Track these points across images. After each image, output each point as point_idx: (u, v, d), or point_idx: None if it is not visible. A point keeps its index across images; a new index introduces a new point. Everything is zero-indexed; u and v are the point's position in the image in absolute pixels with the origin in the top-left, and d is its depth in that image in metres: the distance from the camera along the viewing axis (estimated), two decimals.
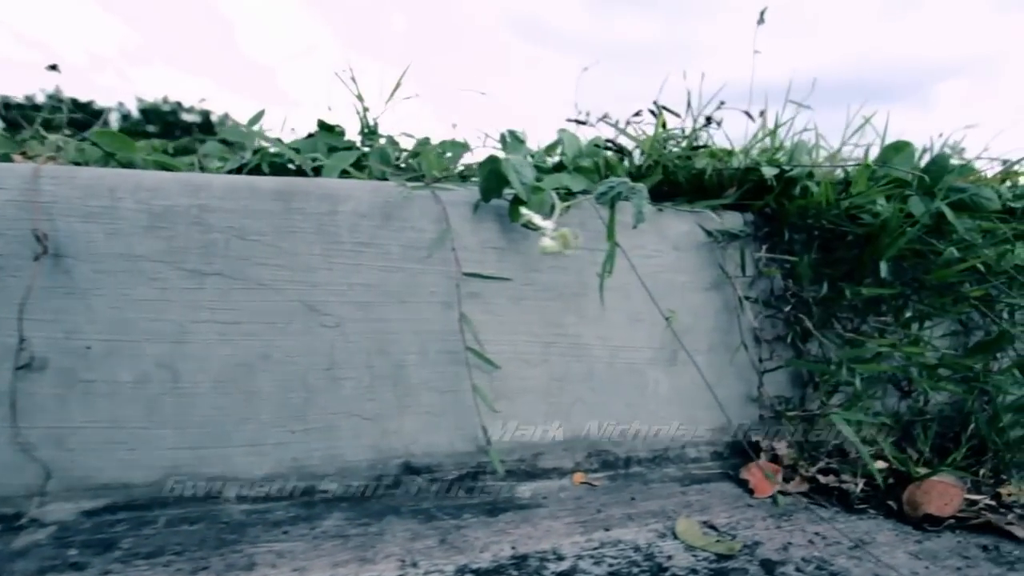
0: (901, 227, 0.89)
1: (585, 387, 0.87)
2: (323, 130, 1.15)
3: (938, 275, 0.89)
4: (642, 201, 0.71)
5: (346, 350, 0.77)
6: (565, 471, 0.85)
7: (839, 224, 0.91)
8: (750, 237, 0.96)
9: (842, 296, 0.91)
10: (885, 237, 0.89)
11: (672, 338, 0.91)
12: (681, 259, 0.93)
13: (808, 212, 0.92)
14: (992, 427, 0.87)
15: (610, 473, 0.86)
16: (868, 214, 0.95)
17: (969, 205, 0.97)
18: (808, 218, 0.93)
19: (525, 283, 0.84)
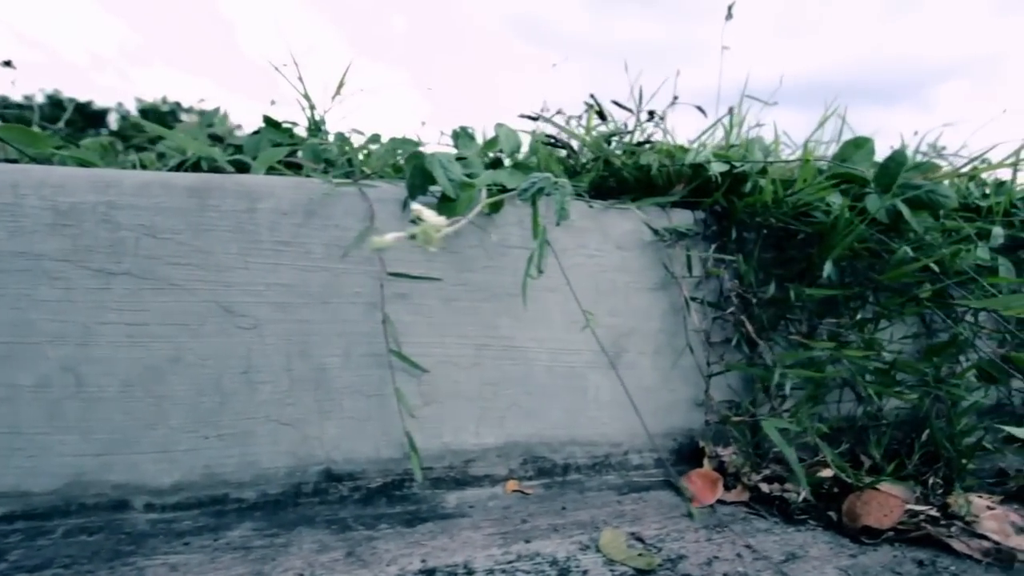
0: (851, 225, 0.86)
1: (521, 391, 0.84)
2: (269, 126, 1.13)
3: (891, 275, 0.85)
4: (564, 198, 0.68)
5: (264, 353, 0.74)
6: (498, 479, 0.82)
7: (787, 222, 0.88)
8: (699, 236, 0.93)
9: (796, 297, 0.88)
10: (834, 236, 0.85)
11: (615, 340, 0.88)
12: (625, 259, 0.89)
13: (756, 210, 0.89)
14: (946, 434, 0.84)
15: (546, 481, 0.83)
16: (821, 212, 0.92)
17: (926, 203, 0.93)
18: (756, 216, 0.89)
19: (457, 283, 0.81)
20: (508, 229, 0.84)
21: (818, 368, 0.83)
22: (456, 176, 0.76)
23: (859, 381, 0.82)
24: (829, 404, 0.96)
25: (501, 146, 0.85)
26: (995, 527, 0.68)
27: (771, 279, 0.89)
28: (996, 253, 1.05)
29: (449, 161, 0.77)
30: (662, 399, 0.90)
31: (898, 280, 0.86)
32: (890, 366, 0.87)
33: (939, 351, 0.87)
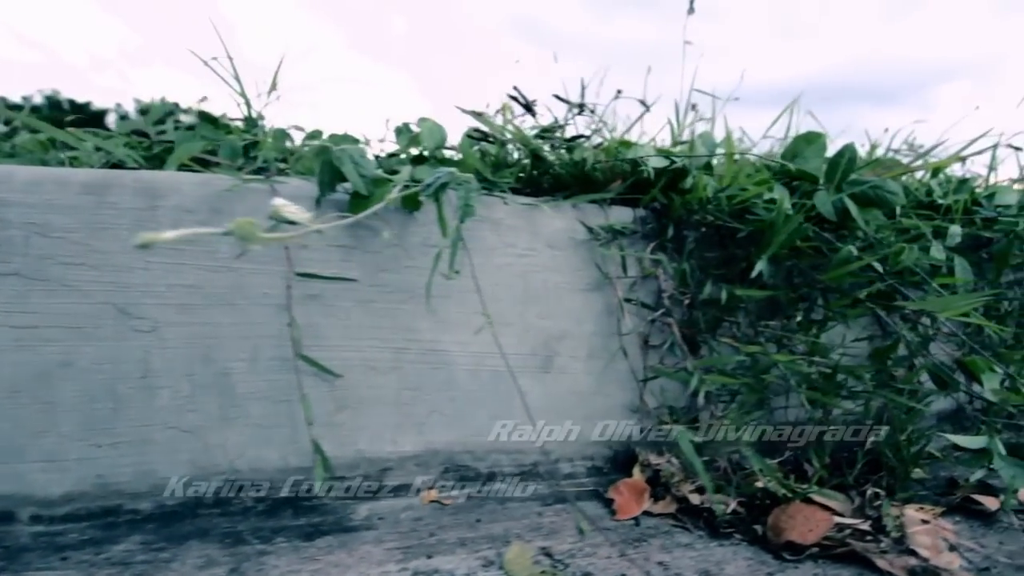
0: (788, 222, 0.82)
1: (443, 397, 0.80)
2: (205, 122, 1.10)
3: (832, 275, 0.82)
4: (469, 194, 0.64)
5: (163, 357, 0.71)
6: (416, 489, 0.78)
7: (725, 220, 0.84)
8: (638, 235, 0.90)
9: (731, 298, 0.84)
10: (770, 234, 0.82)
11: (545, 343, 0.85)
12: (557, 258, 0.86)
13: (693, 207, 0.85)
14: (889, 442, 0.80)
15: (468, 491, 0.80)
16: (763, 209, 0.88)
17: (874, 200, 0.89)
18: (694, 214, 0.86)
19: (374, 284, 0.77)
20: (431, 228, 0.80)
21: (754, 373, 0.79)
22: (369, 172, 0.73)
23: (794, 387, 0.78)
24: (776, 410, 0.92)
25: (423, 141, 0.81)
26: (927, 543, 0.65)
27: (710, 279, 0.85)
28: (954, 252, 1.01)
29: (362, 157, 0.73)
30: (596, 405, 0.87)
31: (840, 280, 0.83)
32: (833, 371, 0.83)
33: (882, 355, 0.83)
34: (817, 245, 0.88)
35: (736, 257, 0.88)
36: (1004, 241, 1.03)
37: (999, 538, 0.70)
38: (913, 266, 0.92)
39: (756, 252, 0.82)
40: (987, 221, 1.09)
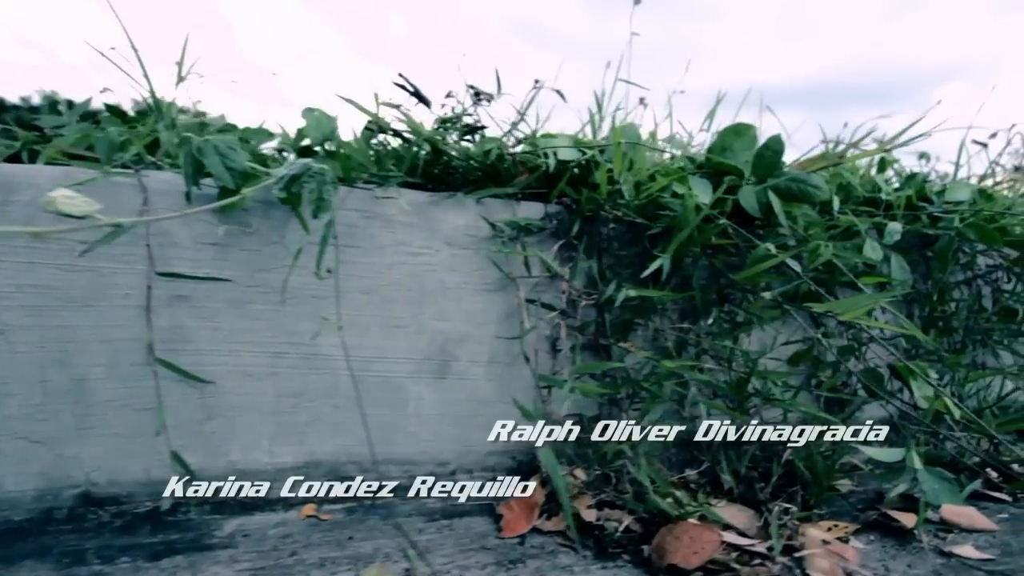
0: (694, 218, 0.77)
1: (327, 404, 0.75)
2: (111, 114, 1.05)
3: (745, 275, 0.76)
4: (323, 187, 0.59)
5: (12, 362, 0.66)
6: (294, 502, 0.73)
7: (632, 216, 0.79)
8: (547, 232, 0.85)
9: (643, 300, 0.79)
10: (677, 230, 0.77)
11: (442, 347, 0.80)
12: (457, 257, 0.81)
13: (600, 203, 0.80)
14: (803, 454, 0.74)
15: (351, 504, 0.75)
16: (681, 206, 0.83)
17: (797, 195, 0.84)
18: (602, 209, 0.81)
19: (251, 285, 0.73)
20: (315, 224, 0.75)
21: (656, 380, 0.73)
22: (238, 165, 0.68)
23: (690, 396, 0.72)
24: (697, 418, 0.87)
25: (308, 133, 0.76)
26: (824, 567, 0.59)
27: (615, 280, 0.80)
28: (894, 250, 0.95)
29: (230, 148, 0.69)
30: (499, 412, 0.82)
31: (755, 280, 0.77)
32: (747, 376, 0.77)
33: (798, 360, 0.78)
34: (739, 243, 0.83)
35: (651, 256, 0.83)
36: (946, 238, 0.98)
37: (909, 560, 0.64)
38: (844, 265, 0.86)
39: (663, 250, 0.76)
40: (934, 218, 1.03)
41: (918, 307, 1.05)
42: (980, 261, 1.12)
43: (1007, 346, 1.03)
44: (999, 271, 1.08)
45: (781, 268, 0.81)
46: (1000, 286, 1.10)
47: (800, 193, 0.84)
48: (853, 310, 0.65)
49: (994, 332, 1.03)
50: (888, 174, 1.16)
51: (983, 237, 0.95)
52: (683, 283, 0.86)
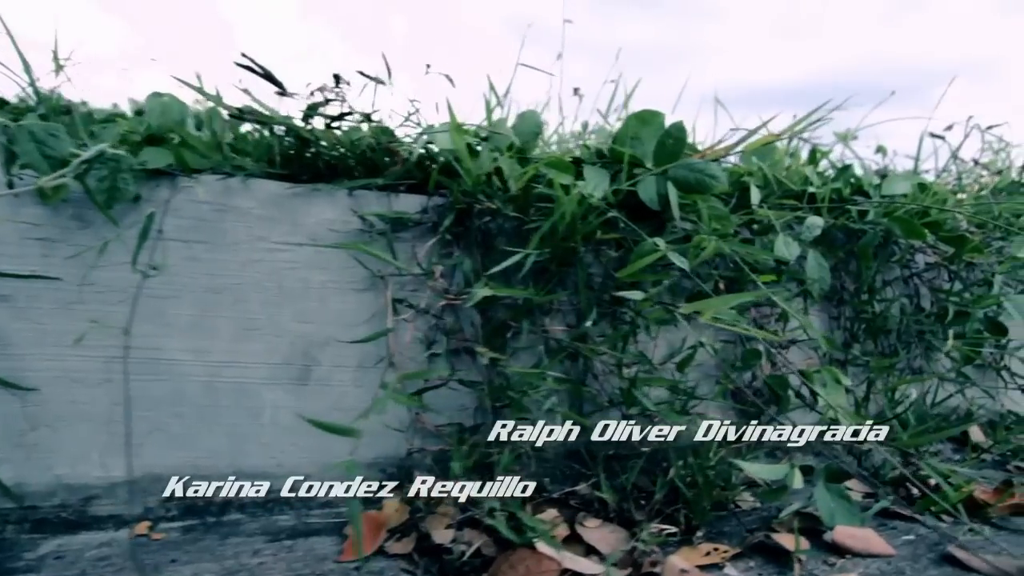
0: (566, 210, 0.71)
1: (169, 413, 0.69)
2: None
3: (627, 272, 0.70)
4: (117, 175, 0.53)
5: None
6: (128, 519, 0.67)
7: (502, 207, 0.73)
8: (425, 226, 0.78)
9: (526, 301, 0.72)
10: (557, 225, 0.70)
11: (304, 351, 0.74)
12: (322, 253, 0.75)
13: (473, 194, 0.74)
14: (684, 470, 0.68)
15: (193, 522, 0.69)
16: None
17: (695, 186, 0.78)
18: (475, 201, 0.74)
19: (83, 283, 0.67)
20: (164, 220, 0.70)
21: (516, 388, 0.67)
22: (58, 152, 0.62)
23: (547, 405, 0.66)
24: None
25: (149, 119, 0.70)
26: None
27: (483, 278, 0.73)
28: (813, 246, 0.89)
29: (51, 135, 0.63)
30: (368, 421, 0.75)
31: (639, 278, 0.71)
32: (631, 384, 0.71)
33: (682, 365, 0.72)
34: (629, 238, 0.76)
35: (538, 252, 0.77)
36: (871, 234, 0.91)
37: None
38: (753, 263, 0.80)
39: (533, 244, 0.70)
40: (865, 213, 0.97)
41: (849, 308, 0.98)
42: (920, 259, 1.05)
43: (941, 349, 0.96)
44: (936, 269, 1.01)
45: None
46: (940, 285, 1.03)
47: (697, 184, 0.77)
48: (712, 309, 0.58)
49: (927, 334, 0.95)
50: (823, 167, 1.09)
51: (908, 232, 0.88)
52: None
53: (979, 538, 0.68)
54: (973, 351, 0.95)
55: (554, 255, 0.73)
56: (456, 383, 0.74)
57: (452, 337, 0.74)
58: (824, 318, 0.98)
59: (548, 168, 0.75)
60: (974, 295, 0.96)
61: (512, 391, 0.67)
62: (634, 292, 0.65)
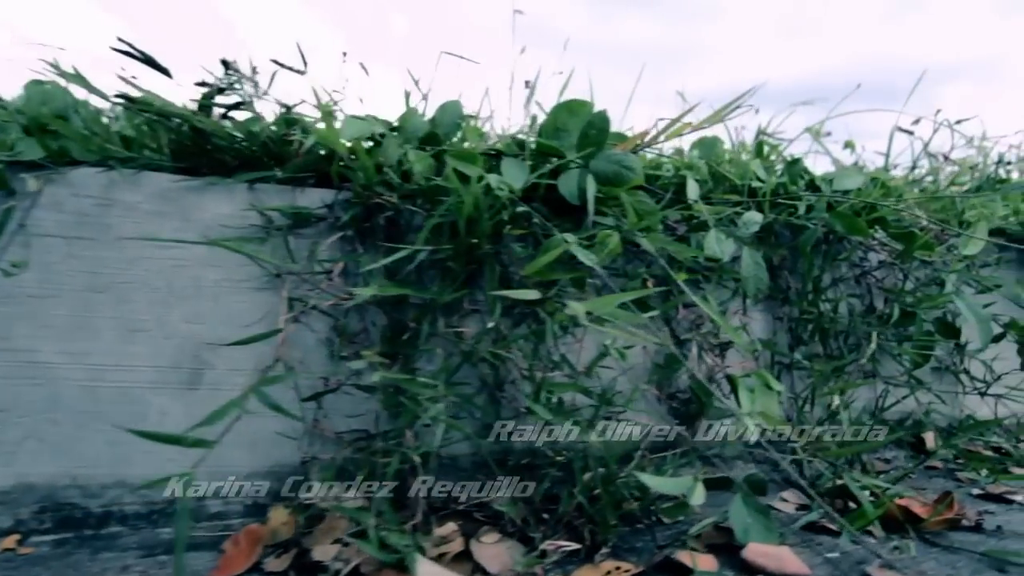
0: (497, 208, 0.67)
1: (44, 419, 0.65)
2: None
3: (531, 269, 0.65)
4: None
5: None
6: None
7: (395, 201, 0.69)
8: (329, 221, 0.74)
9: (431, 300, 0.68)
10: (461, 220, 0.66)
11: (195, 354, 0.70)
12: (216, 250, 0.71)
13: (372, 188, 0.70)
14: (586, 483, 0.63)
15: (67, 535, 0.65)
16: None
17: (612, 179, 0.73)
18: (376, 195, 0.70)
19: None
20: (39, 213, 0.66)
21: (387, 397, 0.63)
22: None
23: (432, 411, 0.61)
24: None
25: (28, 109, 0.67)
26: None
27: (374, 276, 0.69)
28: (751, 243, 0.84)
29: None
30: (266, 428, 0.71)
31: (545, 275, 0.66)
32: (537, 389, 0.66)
33: (591, 369, 0.67)
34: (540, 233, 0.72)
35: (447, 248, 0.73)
36: (811, 231, 0.86)
37: None
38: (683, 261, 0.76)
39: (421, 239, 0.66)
40: (812, 209, 0.92)
41: (794, 308, 0.93)
42: (874, 257, 1.00)
43: (889, 351, 0.91)
44: (890, 268, 0.96)
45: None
46: (895, 284, 0.98)
47: (614, 176, 0.73)
48: (594, 309, 0.54)
49: (878, 336, 0.91)
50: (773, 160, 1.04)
51: (850, 228, 0.83)
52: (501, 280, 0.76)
53: (905, 556, 0.63)
54: (922, 354, 0.90)
55: (458, 252, 0.68)
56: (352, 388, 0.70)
57: (346, 338, 0.70)
58: (768, 319, 0.94)
59: (455, 160, 0.71)
60: (922, 295, 0.91)
61: (405, 397, 0.63)
62: (525, 292, 0.61)
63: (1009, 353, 1.04)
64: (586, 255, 0.63)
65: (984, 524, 0.70)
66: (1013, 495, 0.80)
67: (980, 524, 0.70)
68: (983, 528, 0.70)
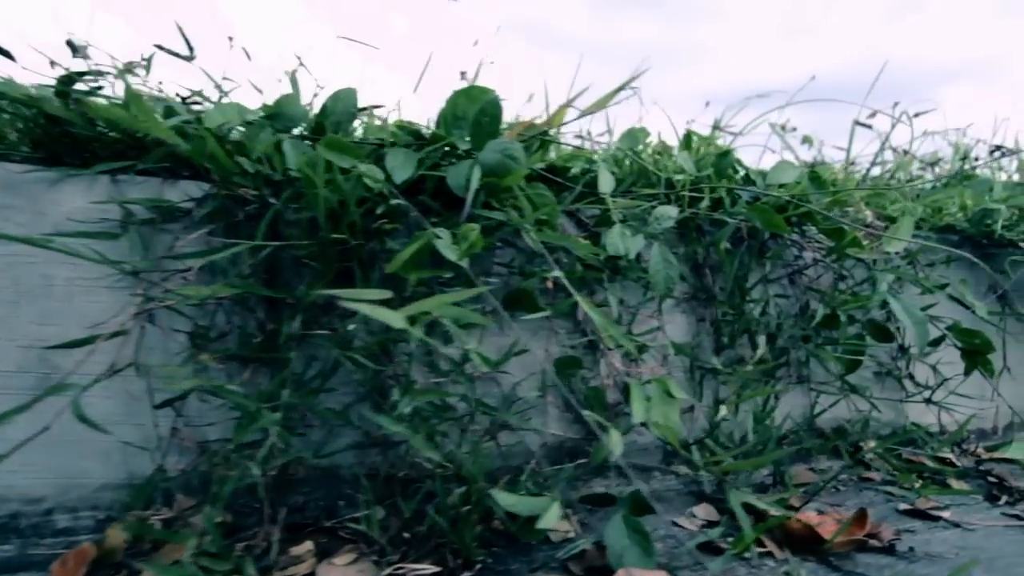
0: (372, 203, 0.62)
1: None
2: None
3: (393, 266, 0.60)
4: None
5: None
6: None
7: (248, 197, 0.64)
8: (197, 216, 0.69)
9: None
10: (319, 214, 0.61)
11: (42, 357, 0.65)
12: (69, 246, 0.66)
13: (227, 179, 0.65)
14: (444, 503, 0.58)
15: None
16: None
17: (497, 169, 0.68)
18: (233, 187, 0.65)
19: None
20: None
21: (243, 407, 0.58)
22: None
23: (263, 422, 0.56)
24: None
25: None
26: None
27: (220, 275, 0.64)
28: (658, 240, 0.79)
29: None
30: (125, 437, 0.66)
31: (409, 272, 0.61)
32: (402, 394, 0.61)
33: (449, 373, 0.62)
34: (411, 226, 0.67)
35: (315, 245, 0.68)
36: (729, 225, 0.80)
37: None
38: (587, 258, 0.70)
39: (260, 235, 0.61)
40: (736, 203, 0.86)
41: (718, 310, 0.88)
42: (810, 256, 0.94)
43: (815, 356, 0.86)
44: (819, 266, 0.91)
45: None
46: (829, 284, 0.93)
47: (498, 167, 0.68)
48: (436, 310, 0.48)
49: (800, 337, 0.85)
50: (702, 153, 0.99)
51: (768, 224, 0.78)
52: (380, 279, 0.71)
53: None
54: (852, 359, 0.84)
55: (322, 249, 0.63)
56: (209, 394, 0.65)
57: (201, 340, 0.65)
58: (691, 320, 0.88)
59: (328, 150, 0.66)
60: (848, 296, 0.85)
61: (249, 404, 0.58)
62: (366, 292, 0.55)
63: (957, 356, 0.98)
64: (450, 249, 0.58)
65: (897, 545, 0.64)
66: (941, 511, 0.74)
67: (893, 545, 0.64)
68: (895, 549, 0.64)
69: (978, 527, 0.71)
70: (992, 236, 1.01)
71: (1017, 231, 1.02)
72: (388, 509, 0.65)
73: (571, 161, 0.87)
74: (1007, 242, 1.02)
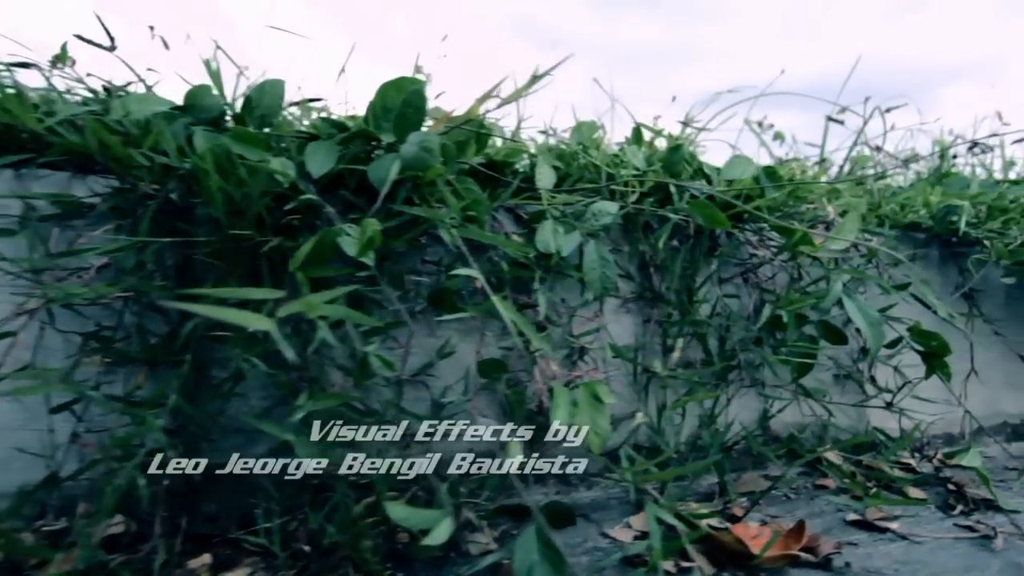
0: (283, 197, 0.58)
1: None
2: None
3: (295, 264, 0.57)
4: None
5: None
6: None
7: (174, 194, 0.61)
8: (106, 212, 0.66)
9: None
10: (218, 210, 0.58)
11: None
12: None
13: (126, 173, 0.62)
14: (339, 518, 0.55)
15: None
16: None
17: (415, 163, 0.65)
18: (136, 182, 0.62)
19: None
20: None
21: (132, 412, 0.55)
22: None
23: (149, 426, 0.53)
24: None
25: None
26: None
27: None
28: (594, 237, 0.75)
29: None
30: (23, 441, 0.63)
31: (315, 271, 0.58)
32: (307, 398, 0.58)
33: (359, 378, 0.59)
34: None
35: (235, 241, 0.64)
36: (670, 222, 0.77)
37: None
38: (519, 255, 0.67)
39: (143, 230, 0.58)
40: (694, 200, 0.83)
41: (664, 310, 0.84)
42: (764, 254, 0.91)
43: (764, 358, 0.82)
44: (772, 265, 0.87)
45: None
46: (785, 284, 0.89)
47: (415, 161, 0.65)
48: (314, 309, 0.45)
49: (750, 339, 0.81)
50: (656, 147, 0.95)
51: (710, 220, 0.74)
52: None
53: None
54: (802, 361, 0.80)
55: (223, 245, 0.60)
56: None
57: (95, 342, 0.62)
58: (638, 321, 0.84)
59: (236, 143, 0.63)
60: (794, 296, 0.81)
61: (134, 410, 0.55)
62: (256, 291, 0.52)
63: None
64: (351, 245, 0.55)
65: (834, 560, 0.61)
66: (889, 523, 0.70)
67: (829, 560, 0.61)
68: (831, 565, 0.60)
69: (926, 539, 0.67)
70: (958, 234, 0.97)
71: (983, 229, 0.98)
72: (299, 520, 0.62)
73: (513, 156, 0.84)
74: (973, 240, 0.98)
